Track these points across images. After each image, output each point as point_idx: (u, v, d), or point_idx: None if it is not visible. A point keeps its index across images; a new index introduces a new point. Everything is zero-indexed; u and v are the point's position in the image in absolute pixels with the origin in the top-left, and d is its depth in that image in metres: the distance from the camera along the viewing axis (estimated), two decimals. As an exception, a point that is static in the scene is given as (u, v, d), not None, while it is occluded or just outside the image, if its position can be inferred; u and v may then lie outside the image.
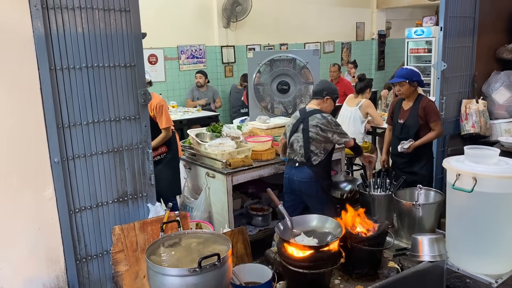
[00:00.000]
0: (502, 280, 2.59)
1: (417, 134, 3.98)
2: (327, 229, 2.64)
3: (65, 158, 2.25)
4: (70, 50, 2.20)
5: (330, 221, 2.67)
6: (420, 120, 3.95)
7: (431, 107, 3.96)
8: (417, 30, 9.84)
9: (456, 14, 4.16)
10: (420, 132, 3.97)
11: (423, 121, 3.95)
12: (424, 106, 3.93)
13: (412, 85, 3.97)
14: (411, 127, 3.99)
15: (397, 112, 4.15)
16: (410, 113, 4.00)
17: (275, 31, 9.31)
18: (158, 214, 2.56)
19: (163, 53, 8.03)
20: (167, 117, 4.17)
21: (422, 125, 3.96)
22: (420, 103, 3.97)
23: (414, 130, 3.98)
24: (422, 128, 3.97)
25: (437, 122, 3.95)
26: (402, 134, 4.08)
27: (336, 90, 3.67)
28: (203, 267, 1.89)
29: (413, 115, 3.99)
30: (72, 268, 2.33)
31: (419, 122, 3.96)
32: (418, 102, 3.99)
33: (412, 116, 3.99)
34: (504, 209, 2.58)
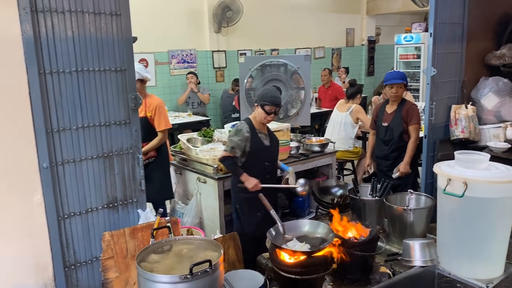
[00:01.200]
0: (493, 285, 2.60)
1: (401, 136, 4.08)
2: (319, 234, 2.64)
3: (54, 163, 2.21)
4: (60, 54, 2.17)
5: (322, 226, 2.67)
6: (403, 122, 4.08)
7: (414, 110, 4.12)
8: (406, 36, 9.94)
9: (446, 21, 4.20)
10: (403, 134, 4.06)
11: (406, 123, 4.08)
12: (408, 108, 4.08)
13: (405, 87, 4.17)
14: (395, 129, 4.09)
15: (381, 116, 4.26)
16: (394, 116, 4.12)
17: (266, 36, 9.34)
18: (149, 220, 2.53)
19: (153, 57, 8.00)
20: (166, 119, 4.10)
21: (405, 128, 4.05)
22: (404, 106, 4.10)
23: (398, 133, 4.09)
24: (406, 131, 4.06)
25: (416, 126, 4.11)
26: (387, 136, 4.18)
27: (266, 96, 3.32)
28: (194, 274, 1.87)
29: (397, 118, 4.10)
30: (61, 276, 2.29)
31: (402, 125, 4.09)
32: (402, 105, 4.12)
33: (396, 118, 4.11)
34: (495, 214, 2.59)
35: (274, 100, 3.31)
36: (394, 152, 4.15)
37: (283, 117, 5.14)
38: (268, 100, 3.30)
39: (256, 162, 3.40)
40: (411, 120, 4.05)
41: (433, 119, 4.31)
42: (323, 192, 4.00)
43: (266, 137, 3.47)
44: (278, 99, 3.37)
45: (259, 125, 3.43)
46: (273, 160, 3.52)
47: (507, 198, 2.60)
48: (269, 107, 3.29)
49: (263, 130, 3.47)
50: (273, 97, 3.32)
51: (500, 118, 4.55)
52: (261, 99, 3.33)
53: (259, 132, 3.42)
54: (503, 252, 2.71)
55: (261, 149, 3.40)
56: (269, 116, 3.33)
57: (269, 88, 3.46)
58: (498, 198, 2.55)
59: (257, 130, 3.40)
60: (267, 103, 3.30)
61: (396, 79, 4.17)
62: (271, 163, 3.49)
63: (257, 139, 3.38)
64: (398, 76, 4.20)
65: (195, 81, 7.75)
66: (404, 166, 4.03)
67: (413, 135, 4.07)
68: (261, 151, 3.40)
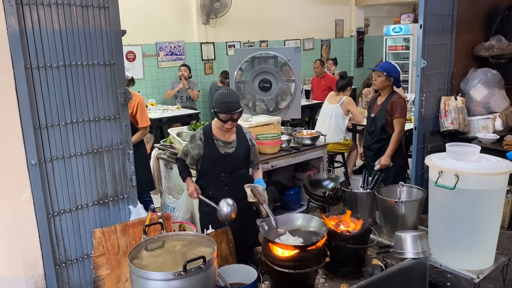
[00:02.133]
0: (483, 276, 2.63)
1: (383, 127, 4.08)
2: (312, 228, 2.64)
3: (42, 160, 2.17)
4: (47, 48, 2.12)
5: (315, 220, 2.67)
6: (387, 115, 4.04)
7: (399, 103, 4.04)
8: (395, 27, 9.95)
9: (435, 12, 4.20)
10: (386, 126, 4.04)
11: (390, 116, 4.04)
12: (393, 101, 4.02)
13: (388, 79, 4.05)
14: (378, 120, 4.10)
15: (372, 106, 4.27)
16: (381, 107, 4.11)
17: (255, 28, 9.27)
18: (140, 216, 2.50)
19: (141, 50, 7.89)
20: (146, 116, 4.14)
21: (389, 120, 4.03)
22: (391, 99, 4.06)
23: (380, 124, 4.08)
24: (389, 123, 4.03)
25: (400, 120, 4.02)
26: (371, 127, 4.20)
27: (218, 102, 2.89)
28: (188, 271, 1.85)
29: (382, 109, 4.09)
30: (51, 273, 2.26)
31: (386, 117, 4.05)
32: (389, 97, 4.08)
33: (381, 110, 4.10)
34: (485, 206, 2.61)
35: (227, 107, 2.85)
36: (376, 143, 4.14)
37: (273, 110, 5.11)
38: (221, 108, 2.86)
39: (210, 173, 3.05)
40: (394, 113, 4.01)
41: (423, 111, 4.34)
42: (314, 185, 4.00)
43: (226, 144, 3.04)
44: (233, 105, 2.87)
45: (220, 132, 3.03)
46: (234, 170, 3.08)
47: (498, 190, 2.62)
48: (223, 115, 2.87)
49: (225, 137, 3.05)
50: (226, 103, 2.85)
51: (489, 109, 4.58)
52: (214, 105, 2.92)
53: (217, 139, 3.02)
54: (493, 243, 2.74)
55: (215, 159, 3.01)
56: (226, 124, 2.91)
57: (224, 92, 2.92)
58: (489, 190, 2.58)
59: (215, 137, 3.02)
60: (219, 110, 2.88)
61: (379, 67, 4.16)
62: (230, 174, 3.06)
63: (212, 147, 3.00)
64: (382, 65, 4.17)
65: (188, 74, 7.66)
66: (384, 158, 4.00)
67: (396, 129, 4.03)
68: (215, 160, 3.02)
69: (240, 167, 3.12)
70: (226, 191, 3.01)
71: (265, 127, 4.21)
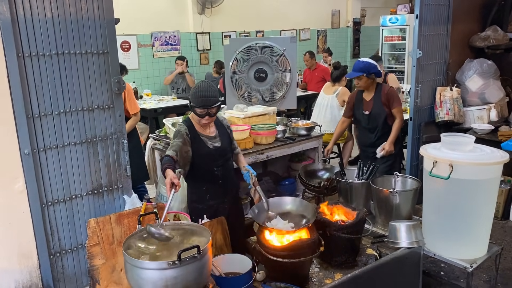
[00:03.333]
0: (476, 265, 2.66)
1: (385, 122, 4.06)
2: (302, 212, 2.64)
3: (36, 149, 2.16)
4: (39, 36, 2.09)
5: (305, 204, 2.68)
6: (385, 108, 4.03)
7: (393, 92, 4.05)
8: (392, 18, 9.92)
9: (431, 2, 4.19)
10: (387, 119, 4.04)
11: (388, 108, 4.03)
12: (387, 92, 4.01)
13: (370, 77, 4.02)
14: (378, 116, 4.06)
15: (359, 104, 4.18)
16: (374, 102, 4.06)
17: (251, 18, 9.21)
18: (135, 206, 2.49)
19: (136, 39, 7.83)
20: (135, 102, 4.20)
21: (388, 112, 4.04)
22: (382, 91, 4.03)
23: (381, 119, 4.05)
24: (389, 116, 4.03)
25: (399, 108, 4.06)
26: (370, 124, 4.14)
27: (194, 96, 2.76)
28: (182, 260, 1.85)
29: (377, 104, 4.04)
30: (46, 263, 2.25)
31: (385, 111, 4.04)
32: (379, 91, 4.05)
33: (376, 105, 4.05)
34: (479, 196, 2.63)
35: (204, 101, 2.73)
36: (380, 138, 4.09)
37: (268, 101, 5.09)
38: (198, 102, 2.73)
39: (203, 170, 2.93)
40: (393, 103, 4.01)
41: (419, 101, 4.34)
42: (309, 176, 4.01)
43: (211, 138, 2.94)
44: (210, 99, 2.75)
45: (200, 126, 2.92)
46: (224, 162, 3.01)
47: (492, 180, 2.63)
48: (200, 110, 2.75)
49: (206, 131, 2.94)
50: (202, 97, 2.73)
51: (484, 100, 4.59)
52: (191, 99, 2.78)
53: (201, 135, 2.91)
54: (486, 232, 2.76)
55: (207, 154, 2.90)
56: (203, 120, 2.80)
57: (201, 86, 2.78)
58: (483, 180, 2.59)
59: (199, 133, 2.90)
60: (196, 105, 2.75)
61: (354, 71, 4.05)
62: (222, 166, 2.98)
63: (200, 143, 2.89)
64: (357, 68, 4.04)
65: (185, 67, 7.61)
66: (389, 144, 3.99)
67: (398, 117, 4.04)
68: (207, 156, 2.91)
69: (229, 157, 3.06)
70: (220, 184, 2.98)
71: (261, 117, 4.20)
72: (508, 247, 3.77)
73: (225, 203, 3.01)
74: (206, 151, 2.89)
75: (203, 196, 2.97)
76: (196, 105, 2.75)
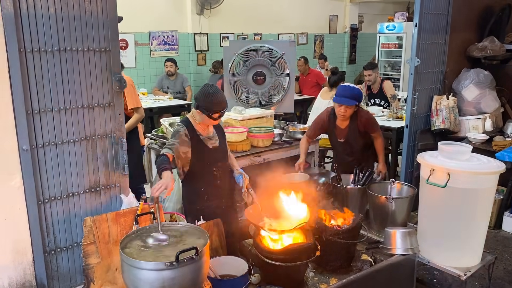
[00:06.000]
0: (470, 273, 2.68)
1: (363, 147, 3.87)
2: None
3: (34, 145, 2.13)
4: (42, 32, 2.08)
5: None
6: (362, 135, 3.80)
7: (370, 120, 3.81)
8: (389, 25, 9.98)
9: (431, 11, 4.22)
10: (365, 145, 3.87)
11: (367, 134, 3.81)
12: (363, 122, 3.74)
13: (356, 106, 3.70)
14: (354, 144, 3.82)
15: (333, 131, 3.90)
16: (349, 131, 3.80)
17: (249, 20, 9.23)
18: (131, 205, 2.48)
19: (134, 38, 7.81)
20: (137, 98, 4.06)
21: (367, 138, 3.84)
22: (358, 120, 3.74)
23: (358, 146, 3.83)
24: (367, 141, 3.86)
25: (379, 132, 3.83)
26: (347, 150, 3.88)
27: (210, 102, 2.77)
28: (180, 261, 1.85)
29: (352, 132, 3.79)
30: (40, 261, 2.23)
31: (362, 138, 3.81)
32: (355, 119, 3.74)
33: (352, 133, 3.79)
34: (475, 205, 2.65)
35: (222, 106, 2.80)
36: (358, 160, 3.82)
37: (265, 104, 5.11)
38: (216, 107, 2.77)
39: (203, 170, 2.94)
40: (372, 131, 3.78)
41: (415, 109, 4.36)
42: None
43: (210, 138, 2.97)
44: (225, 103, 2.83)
45: (201, 127, 2.93)
46: (222, 162, 3.03)
47: (488, 189, 2.66)
48: (217, 114, 2.80)
49: (206, 131, 2.96)
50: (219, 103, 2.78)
51: (480, 110, 4.63)
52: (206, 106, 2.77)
53: (201, 135, 2.92)
54: (481, 241, 2.78)
55: (206, 154, 2.93)
56: (215, 121, 2.88)
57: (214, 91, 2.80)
58: (479, 189, 2.61)
59: (198, 133, 2.91)
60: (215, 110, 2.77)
61: (348, 99, 3.61)
62: (221, 167, 3.01)
63: (200, 143, 2.90)
64: (351, 95, 3.62)
65: (174, 69, 7.55)
66: (383, 166, 3.80)
67: (379, 140, 3.81)
68: (207, 156, 2.93)
69: (226, 157, 3.07)
70: (218, 185, 2.99)
71: (258, 120, 4.22)
72: (501, 256, 3.80)
73: (222, 204, 3.01)
74: (206, 151, 2.90)
75: (201, 196, 2.96)
76: (216, 110, 2.76)
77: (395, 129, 5.22)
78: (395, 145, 5.34)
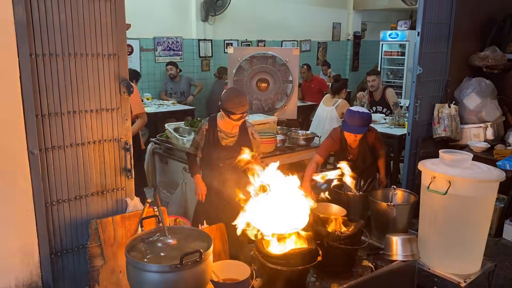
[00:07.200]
0: (470, 280, 2.70)
1: (372, 163, 3.90)
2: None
3: (43, 149, 2.18)
4: (52, 38, 2.13)
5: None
6: (370, 153, 3.83)
7: (379, 139, 3.85)
8: (392, 33, 10.05)
9: (433, 20, 4.27)
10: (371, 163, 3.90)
11: (373, 149, 3.84)
12: (373, 141, 3.79)
13: None
14: (363, 161, 3.83)
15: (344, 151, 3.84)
16: (359, 150, 3.80)
17: (253, 27, 9.31)
18: (136, 209, 2.52)
19: (139, 43, 7.88)
20: (139, 103, 4.20)
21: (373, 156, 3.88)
22: (367, 139, 3.76)
23: (368, 163, 3.86)
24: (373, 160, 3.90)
25: (384, 148, 3.89)
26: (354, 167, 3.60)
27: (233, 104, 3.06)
28: (184, 264, 1.88)
29: (363, 151, 3.79)
30: (47, 262, 2.26)
31: (370, 157, 3.84)
32: (364, 138, 3.73)
33: (362, 152, 3.80)
34: (475, 212, 2.68)
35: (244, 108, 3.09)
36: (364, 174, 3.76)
37: (268, 110, 5.15)
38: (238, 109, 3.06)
39: (209, 159, 3.26)
40: (379, 149, 3.84)
41: (417, 117, 4.40)
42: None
43: (228, 136, 3.26)
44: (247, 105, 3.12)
45: (225, 124, 3.22)
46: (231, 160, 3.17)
47: (488, 197, 2.69)
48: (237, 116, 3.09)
49: (229, 129, 3.24)
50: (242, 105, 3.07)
51: (481, 119, 4.67)
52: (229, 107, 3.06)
53: (220, 130, 3.24)
54: (481, 248, 2.80)
55: (214, 147, 3.23)
56: (238, 121, 3.15)
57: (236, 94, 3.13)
58: (480, 196, 2.64)
59: (219, 128, 3.24)
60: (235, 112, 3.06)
61: (359, 127, 3.55)
62: (228, 164, 3.23)
63: (214, 136, 3.22)
64: (361, 122, 3.55)
65: (176, 71, 7.64)
66: (383, 178, 3.87)
67: (383, 157, 3.89)
68: (214, 149, 3.23)
69: None
70: (223, 180, 3.22)
71: (261, 126, 4.26)
72: (501, 264, 3.82)
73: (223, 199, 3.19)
74: (215, 145, 3.21)
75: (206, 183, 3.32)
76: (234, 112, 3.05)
77: (397, 136, 5.26)
78: (397, 152, 5.37)
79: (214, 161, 3.23)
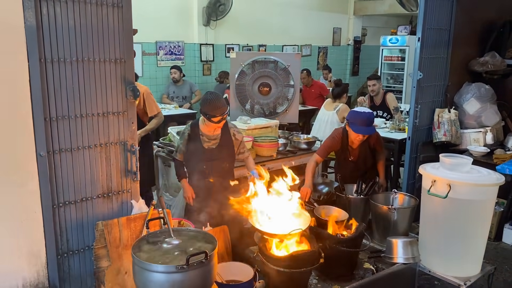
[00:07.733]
0: (470, 283, 2.74)
1: (373, 164, 3.94)
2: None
3: (51, 151, 2.22)
4: (61, 43, 2.18)
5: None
6: (371, 154, 3.87)
7: (379, 140, 3.89)
8: (392, 38, 10.11)
9: (433, 26, 4.32)
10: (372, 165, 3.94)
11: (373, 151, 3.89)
12: (374, 142, 3.83)
13: None
14: (363, 162, 3.87)
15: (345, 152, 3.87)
16: (361, 151, 3.82)
17: (254, 31, 9.37)
18: (142, 210, 2.56)
19: (141, 47, 7.93)
20: (156, 104, 4.31)
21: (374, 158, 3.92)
22: (369, 140, 3.77)
23: (369, 164, 3.90)
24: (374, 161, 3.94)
25: (384, 151, 3.96)
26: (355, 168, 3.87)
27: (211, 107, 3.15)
28: (190, 264, 1.92)
29: (364, 152, 3.84)
30: (53, 263, 2.30)
31: (371, 158, 3.88)
32: (365, 140, 3.73)
33: (363, 153, 3.84)
34: (475, 215, 2.72)
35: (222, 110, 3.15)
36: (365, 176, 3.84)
37: (269, 114, 5.20)
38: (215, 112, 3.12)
39: (193, 164, 3.37)
40: (379, 149, 3.89)
41: (417, 122, 4.44)
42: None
43: (210, 140, 3.34)
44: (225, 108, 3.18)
45: (207, 127, 3.29)
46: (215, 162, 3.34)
47: (488, 200, 2.73)
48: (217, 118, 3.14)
49: (211, 133, 3.32)
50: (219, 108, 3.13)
51: (481, 123, 4.71)
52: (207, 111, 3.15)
53: (202, 134, 3.32)
54: (481, 251, 2.84)
55: (197, 152, 3.31)
56: (219, 124, 3.20)
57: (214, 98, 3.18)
58: (480, 200, 2.68)
59: (201, 132, 3.32)
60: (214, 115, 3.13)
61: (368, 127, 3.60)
62: (212, 166, 3.33)
63: (196, 140, 3.31)
64: (369, 122, 3.60)
65: (179, 75, 7.70)
66: (383, 180, 3.89)
67: (383, 159, 3.93)
68: (197, 153, 3.32)
69: (221, 160, 3.37)
70: (209, 182, 3.32)
71: (263, 130, 4.30)
72: (500, 268, 3.85)
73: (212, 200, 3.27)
74: (198, 148, 3.31)
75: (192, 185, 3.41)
76: (215, 115, 3.13)
77: (397, 141, 5.29)
78: (397, 156, 5.41)
79: (197, 163, 3.33)
